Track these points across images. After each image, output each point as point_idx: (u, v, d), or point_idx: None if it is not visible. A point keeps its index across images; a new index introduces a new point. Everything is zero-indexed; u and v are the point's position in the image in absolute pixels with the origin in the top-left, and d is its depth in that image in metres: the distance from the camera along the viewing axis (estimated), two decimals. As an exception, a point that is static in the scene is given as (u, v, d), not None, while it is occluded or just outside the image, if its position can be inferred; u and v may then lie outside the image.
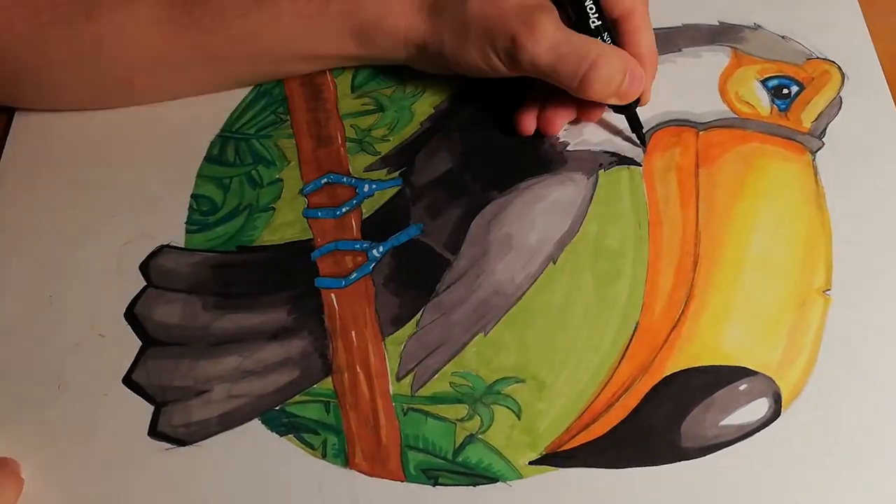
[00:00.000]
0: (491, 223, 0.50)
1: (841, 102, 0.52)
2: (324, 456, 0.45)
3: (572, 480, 0.43)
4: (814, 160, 0.50)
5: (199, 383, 0.47)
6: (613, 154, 0.51)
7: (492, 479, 0.44)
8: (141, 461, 0.45)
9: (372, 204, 0.51)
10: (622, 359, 0.46)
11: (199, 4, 0.51)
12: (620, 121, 0.52)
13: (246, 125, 0.55)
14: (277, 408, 0.46)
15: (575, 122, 0.53)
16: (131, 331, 0.49)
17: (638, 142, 0.51)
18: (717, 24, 0.56)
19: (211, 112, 0.55)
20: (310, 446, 0.45)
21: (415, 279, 0.49)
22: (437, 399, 0.46)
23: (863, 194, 0.49)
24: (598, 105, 0.51)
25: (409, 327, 0.48)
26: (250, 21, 0.51)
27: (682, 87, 0.52)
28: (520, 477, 0.44)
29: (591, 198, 0.50)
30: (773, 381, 0.44)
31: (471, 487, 0.44)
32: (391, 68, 0.56)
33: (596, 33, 0.49)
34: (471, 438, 0.45)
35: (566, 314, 0.47)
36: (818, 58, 0.54)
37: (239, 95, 0.56)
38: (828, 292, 0.47)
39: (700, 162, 0.50)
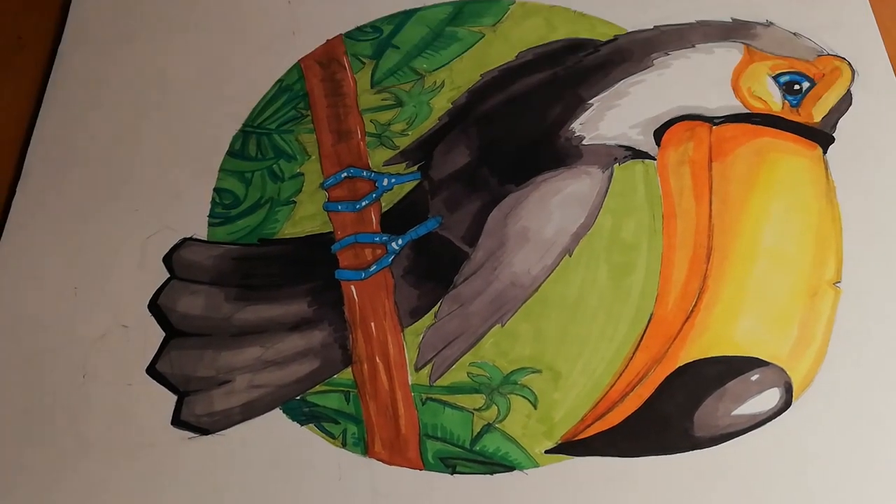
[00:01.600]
0: (508, 216, 0.50)
1: (851, 98, 0.52)
2: (344, 444, 0.46)
3: (587, 468, 0.44)
4: (824, 155, 0.51)
5: (221, 373, 0.48)
6: (628, 148, 0.51)
7: (508, 468, 0.44)
8: (165, 449, 0.46)
9: (391, 197, 0.52)
10: (636, 349, 0.46)
11: None
12: (633, 116, 0.52)
13: (267, 120, 0.55)
14: (298, 397, 0.47)
15: None
16: (155, 322, 0.49)
17: None
18: (730, 20, 0.56)
19: (233, 107, 0.56)
20: (330, 435, 0.46)
21: (433, 271, 0.49)
22: (454, 389, 0.46)
23: (872, 189, 0.50)
24: None
25: (428, 318, 0.48)
26: None
27: (696, 82, 0.53)
28: (536, 465, 0.44)
29: (607, 191, 0.50)
30: (785, 372, 0.45)
31: (488, 475, 0.44)
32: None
33: None
34: (488, 427, 0.45)
35: (582, 305, 0.48)
36: (829, 54, 0.54)
37: (260, 91, 0.56)
38: (838, 284, 0.47)
39: (713, 156, 0.51)
